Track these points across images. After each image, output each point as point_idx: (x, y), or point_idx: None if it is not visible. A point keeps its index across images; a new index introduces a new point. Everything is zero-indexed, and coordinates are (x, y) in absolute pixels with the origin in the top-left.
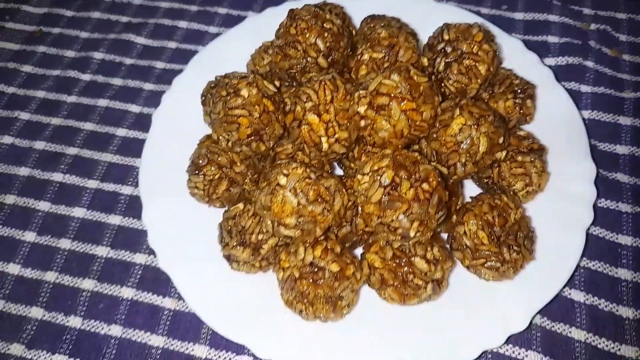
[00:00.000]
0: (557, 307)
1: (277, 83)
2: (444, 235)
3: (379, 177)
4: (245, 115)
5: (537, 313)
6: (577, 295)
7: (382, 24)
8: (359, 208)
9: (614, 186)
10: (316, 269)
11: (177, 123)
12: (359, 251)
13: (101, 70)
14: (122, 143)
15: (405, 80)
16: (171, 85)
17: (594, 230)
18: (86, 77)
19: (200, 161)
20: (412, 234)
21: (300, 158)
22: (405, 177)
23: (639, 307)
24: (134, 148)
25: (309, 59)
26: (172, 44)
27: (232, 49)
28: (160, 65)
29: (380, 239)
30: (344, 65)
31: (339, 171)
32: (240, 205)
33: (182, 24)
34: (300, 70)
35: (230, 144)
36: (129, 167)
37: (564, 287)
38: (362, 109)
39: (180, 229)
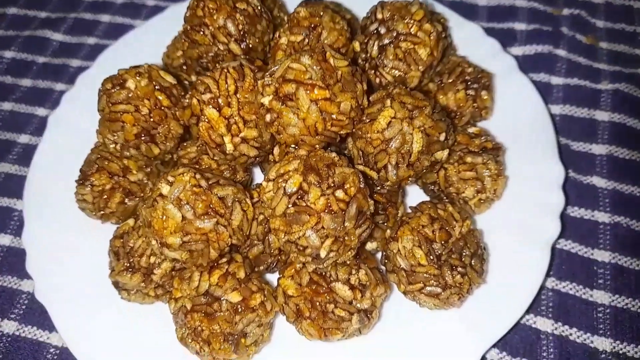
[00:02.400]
0: (520, 339)
1: (193, 78)
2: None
3: (284, 184)
4: (130, 111)
5: (493, 347)
6: (544, 324)
7: None
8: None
9: (589, 192)
10: (211, 300)
11: (77, 127)
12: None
13: (10, 71)
14: (24, 151)
15: (317, 63)
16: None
17: (565, 245)
18: None
19: (88, 169)
20: (323, 254)
21: (205, 163)
22: (316, 182)
23: (619, 337)
24: None
25: (219, 45)
26: (92, 40)
27: (148, 43)
28: (75, 63)
29: (295, 260)
30: (265, 53)
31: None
32: (130, 222)
33: (105, 17)
34: (212, 60)
35: (118, 147)
36: None
37: (526, 314)
38: (266, 100)
39: (66, 251)
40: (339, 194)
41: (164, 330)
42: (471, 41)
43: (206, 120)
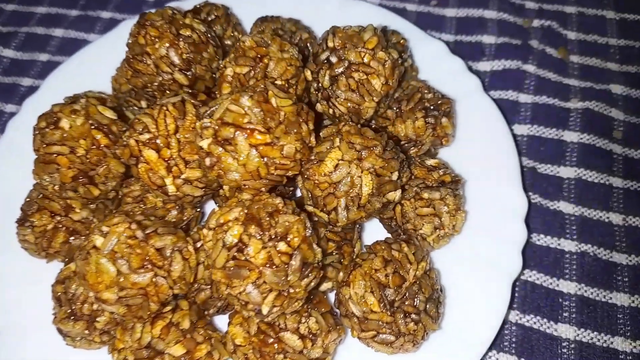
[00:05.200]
0: None
1: (143, 104)
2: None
3: (223, 235)
4: (65, 152)
5: None
6: None
7: (274, 27)
8: None
9: (556, 218)
10: (153, 353)
11: (23, 157)
12: None
13: None
14: None
15: (257, 104)
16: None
17: (530, 275)
18: None
19: (28, 209)
20: (265, 310)
21: (150, 202)
22: (257, 234)
23: None
24: None
25: (164, 75)
26: (44, 56)
27: (100, 62)
28: (26, 82)
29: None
30: (214, 80)
31: None
32: (72, 266)
33: (58, 32)
34: (157, 89)
35: (57, 187)
36: None
37: (489, 350)
38: (205, 144)
39: (12, 292)
40: (282, 246)
41: None
42: (435, 60)
43: (145, 161)
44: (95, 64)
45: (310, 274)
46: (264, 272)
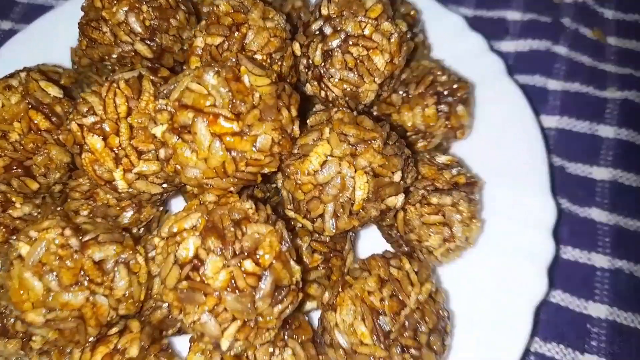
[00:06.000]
0: None
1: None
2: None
3: (175, 248)
4: None
5: None
6: None
7: None
8: None
9: (587, 228)
10: None
11: None
12: None
13: None
14: None
15: (225, 82)
16: None
17: (554, 296)
18: None
19: None
20: (225, 344)
21: (101, 199)
22: (218, 248)
23: None
24: None
25: (123, 45)
26: (6, 24)
27: (63, 31)
28: None
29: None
30: (184, 53)
31: None
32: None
33: None
34: (117, 62)
35: None
36: None
37: None
38: (158, 131)
39: None
40: (248, 265)
41: None
42: (452, 37)
43: (89, 150)
44: (58, 33)
45: (285, 299)
46: (224, 298)
